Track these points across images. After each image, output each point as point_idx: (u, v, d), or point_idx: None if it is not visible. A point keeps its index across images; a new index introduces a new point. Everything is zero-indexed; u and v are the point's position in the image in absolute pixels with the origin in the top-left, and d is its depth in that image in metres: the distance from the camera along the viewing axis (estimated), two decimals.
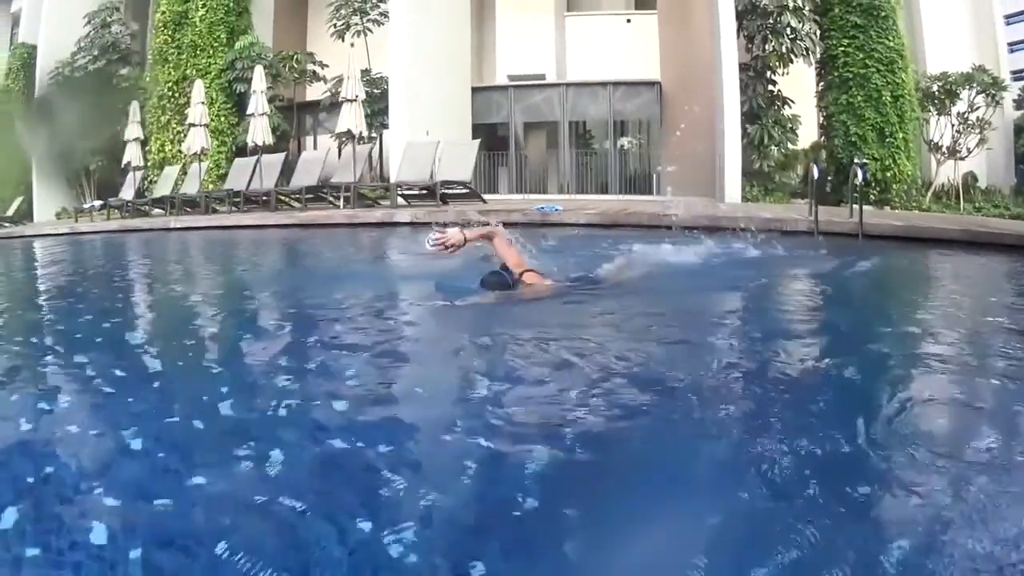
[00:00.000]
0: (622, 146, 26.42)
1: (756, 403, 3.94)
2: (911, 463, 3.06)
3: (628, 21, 27.45)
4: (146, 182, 27.43)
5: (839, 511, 2.70)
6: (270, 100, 25.44)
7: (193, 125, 24.19)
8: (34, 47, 36.21)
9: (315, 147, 28.63)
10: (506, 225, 14.60)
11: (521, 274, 6.54)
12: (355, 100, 20.65)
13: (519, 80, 26.73)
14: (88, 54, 32.94)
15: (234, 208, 22.41)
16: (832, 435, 3.38)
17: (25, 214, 33.97)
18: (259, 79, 23.22)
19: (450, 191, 19.14)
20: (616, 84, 25.70)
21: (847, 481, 2.92)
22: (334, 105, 25.28)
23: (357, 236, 16.09)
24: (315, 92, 28.63)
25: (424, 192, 19.59)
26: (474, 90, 25.91)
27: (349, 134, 20.88)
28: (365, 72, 24.90)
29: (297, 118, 28.82)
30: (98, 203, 28.74)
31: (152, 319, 7.90)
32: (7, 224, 32.78)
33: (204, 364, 5.60)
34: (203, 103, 24.38)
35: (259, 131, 22.71)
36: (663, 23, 26.18)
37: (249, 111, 23.49)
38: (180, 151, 27.12)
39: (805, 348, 5.51)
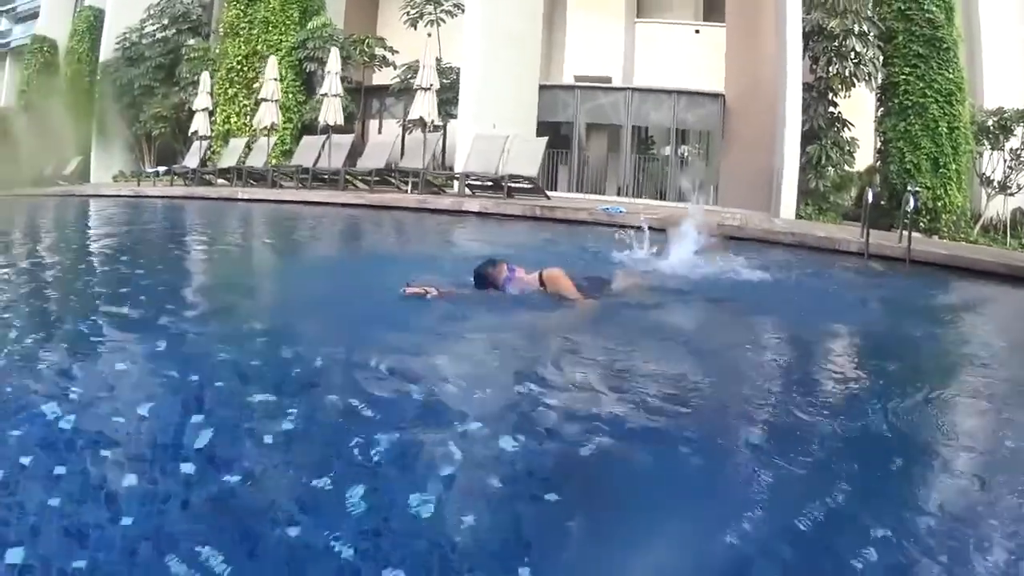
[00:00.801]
0: (682, 154, 27.22)
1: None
2: None
3: (697, 32, 28.44)
4: (209, 152, 28.84)
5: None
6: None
7: (264, 100, 25.42)
8: (100, 11, 37.99)
9: (380, 131, 29.97)
10: (571, 223, 15.87)
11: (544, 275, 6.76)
12: (429, 89, 21.77)
13: (585, 81, 27.57)
14: (157, 22, 34.52)
15: (301, 184, 23.68)
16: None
17: (81, 174, 35.55)
18: (334, 60, 24.39)
19: (515, 185, 20.14)
20: (680, 93, 26.48)
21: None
22: (403, 91, 26.68)
23: (429, 220, 17.09)
24: (382, 77, 29.86)
25: (490, 184, 20.67)
26: (541, 87, 26.76)
27: (421, 121, 21.99)
28: (436, 62, 25.78)
29: (364, 101, 30.03)
30: (162, 169, 30.05)
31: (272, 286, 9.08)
32: (63, 182, 34.29)
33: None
34: (276, 79, 25.58)
35: (331, 111, 23.79)
36: (731, 36, 26.99)
37: (322, 91, 24.63)
38: (246, 124, 28.63)
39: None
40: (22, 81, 46.17)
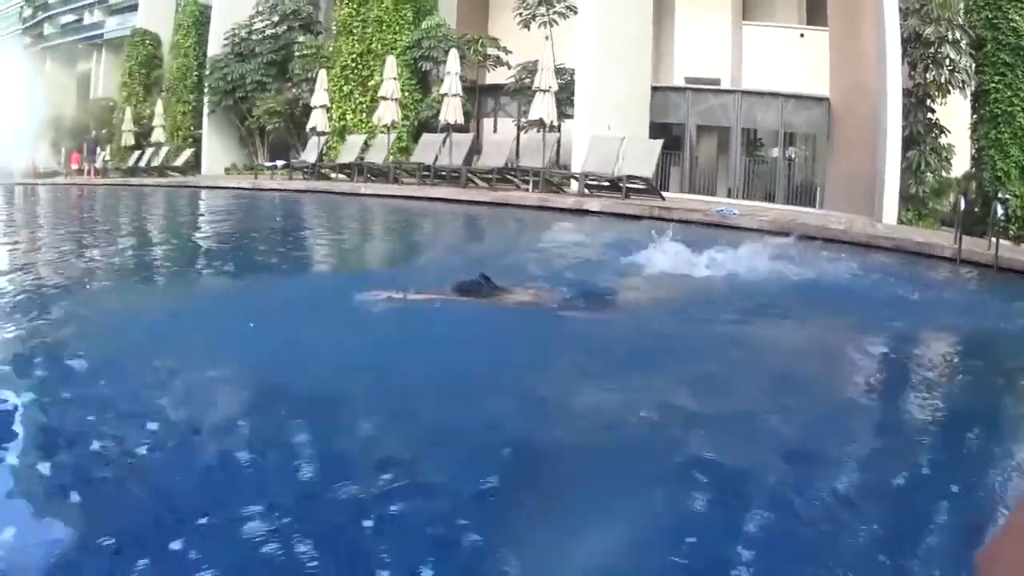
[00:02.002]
0: (789, 156, 28.67)
1: None
2: None
3: (802, 36, 29.37)
4: (326, 147, 30.98)
5: None
6: None
7: (384, 98, 27.43)
8: (205, 6, 40.90)
9: (495, 130, 31.86)
10: (684, 223, 17.53)
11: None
12: (548, 90, 23.58)
13: (695, 83, 29.10)
14: (267, 18, 37.10)
15: (422, 181, 25.64)
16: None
17: (192, 166, 38.33)
18: (453, 61, 26.30)
19: (631, 185, 21.63)
20: (788, 96, 27.71)
21: None
22: (517, 91, 28.62)
23: (552, 218, 18.65)
24: (495, 76, 31.74)
25: (607, 184, 22.33)
26: (653, 89, 28.11)
27: (540, 122, 23.74)
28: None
29: (478, 100, 31.93)
30: (280, 163, 32.40)
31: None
32: (174, 173, 37.17)
33: None
34: (395, 78, 27.59)
35: (451, 110, 25.66)
36: (834, 41, 27.77)
37: (442, 90, 26.52)
38: (361, 121, 30.77)
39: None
40: (124, 73, 49.23)
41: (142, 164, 41.15)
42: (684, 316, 7.82)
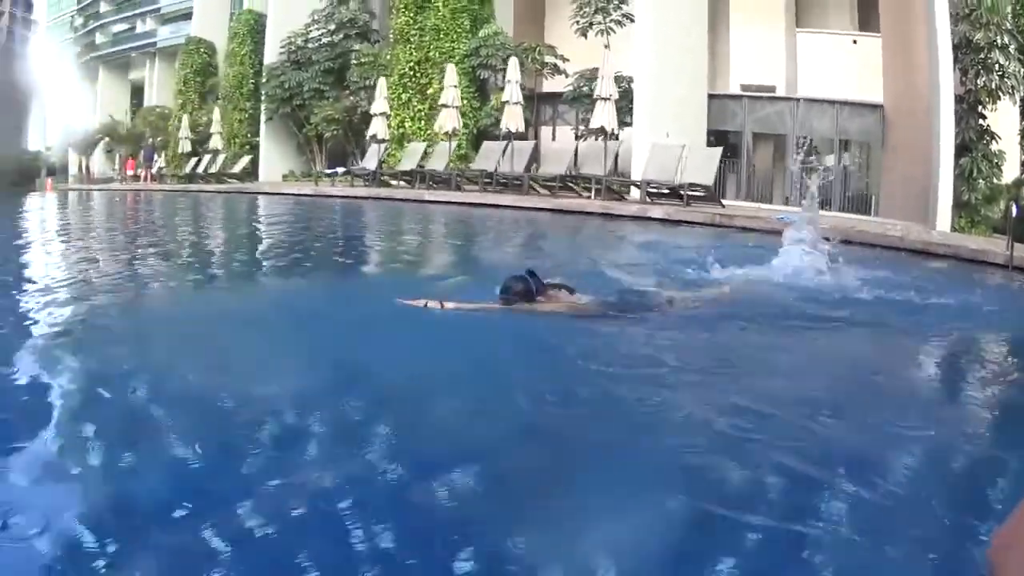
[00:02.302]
0: (844, 165, 28.78)
1: None
2: None
3: (854, 42, 29.58)
4: (385, 154, 31.62)
5: None
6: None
7: (445, 106, 28.14)
8: (261, 15, 42.00)
9: (554, 137, 32.41)
10: (746, 231, 18.03)
11: (553, 286, 7.12)
12: (609, 99, 24.12)
13: (751, 90, 29.51)
14: (323, 27, 37.97)
15: (484, 188, 26.27)
16: None
17: (249, 173, 39.36)
18: (514, 69, 26.95)
19: (692, 193, 22.04)
20: (843, 103, 27.91)
21: None
22: (575, 99, 29.11)
23: (621, 224, 19.24)
24: (552, 84, 32.24)
25: (666, 192, 22.81)
26: (710, 97, 28.53)
27: (601, 130, 24.30)
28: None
29: (536, 108, 32.44)
30: (341, 169, 33.32)
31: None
32: (232, 180, 38.18)
33: None
34: (455, 86, 28.29)
35: (513, 118, 26.37)
36: (886, 47, 27.66)
37: (503, 99, 27.09)
38: (420, 128, 31.56)
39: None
40: (179, 81, 50.26)
41: (199, 171, 42.18)
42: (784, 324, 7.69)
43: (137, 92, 68.90)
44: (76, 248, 14.69)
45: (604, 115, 24.17)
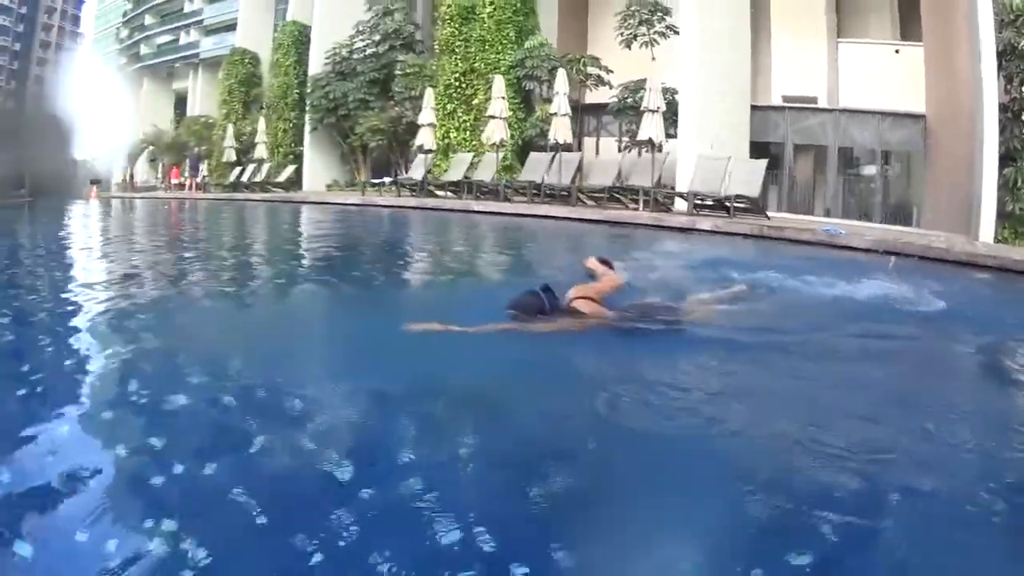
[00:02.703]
0: (885, 174, 28.68)
1: None
2: None
3: (896, 52, 29.25)
4: (431, 165, 31.81)
5: None
6: (551, 100, 29.03)
7: (493, 117, 28.17)
8: (305, 25, 42.38)
9: (597, 149, 32.68)
10: (795, 242, 18.06)
11: (573, 299, 6.66)
12: (656, 111, 24.11)
13: (792, 102, 29.41)
14: (368, 38, 38.38)
15: (534, 199, 26.33)
16: None
17: (293, 182, 39.69)
18: (562, 81, 26.96)
19: (737, 205, 21.97)
20: (885, 114, 27.75)
21: None
22: (620, 111, 29.30)
23: (670, 236, 18.81)
24: (595, 95, 32.47)
25: (714, 203, 22.71)
26: (753, 108, 28.47)
27: (649, 142, 24.34)
28: (645, 81, 27.42)
29: (580, 119, 32.53)
30: (388, 180, 33.62)
31: None
32: (276, 189, 38.60)
33: None
34: (503, 97, 28.33)
35: (561, 130, 26.38)
36: (929, 56, 27.50)
37: (551, 110, 27.21)
38: (465, 139, 31.81)
39: None
40: (223, 91, 50.93)
41: (243, 180, 42.60)
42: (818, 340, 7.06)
43: (180, 102, 69.69)
44: (98, 259, 14.84)
45: (651, 127, 24.19)
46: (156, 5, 74.94)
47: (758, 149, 27.42)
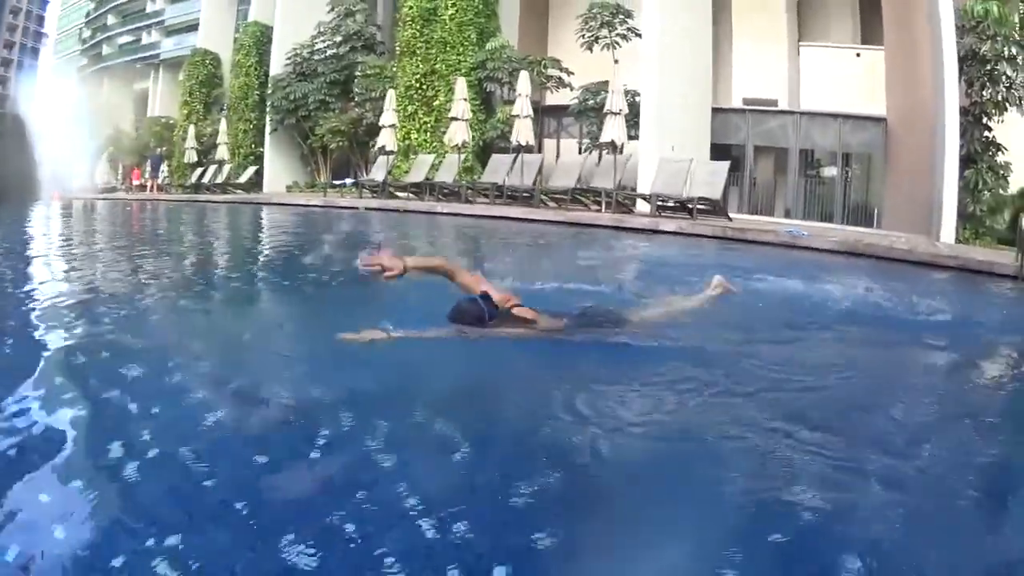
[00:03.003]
0: (845, 176, 28.93)
1: None
2: None
3: (858, 55, 29.57)
4: (391, 166, 31.61)
5: None
6: (513, 102, 28.97)
7: (455, 119, 28.11)
8: (266, 26, 42.05)
9: (558, 151, 32.59)
10: (757, 243, 18.07)
11: (511, 307, 6.14)
12: (619, 113, 24.11)
13: (753, 104, 29.57)
14: (329, 39, 38.18)
15: (496, 200, 26.31)
16: None
17: (254, 184, 39.45)
18: (524, 83, 26.94)
19: (700, 207, 21.99)
20: (845, 116, 28.06)
21: None
22: (581, 112, 29.40)
23: (625, 237, 19.04)
24: (554, 97, 32.52)
25: (676, 205, 22.78)
26: (714, 111, 28.69)
27: (612, 144, 24.29)
28: (608, 84, 27.35)
29: (540, 121, 32.48)
30: (350, 181, 33.54)
31: None
32: (237, 191, 38.34)
33: None
34: (465, 99, 28.28)
35: (523, 132, 26.41)
36: (889, 60, 27.85)
37: (513, 112, 27.20)
38: (426, 140, 31.69)
39: None
40: (184, 91, 50.57)
41: (204, 181, 42.29)
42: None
43: (141, 103, 69.31)
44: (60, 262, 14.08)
45: (614, 129, 24.23)
46: (118, 5, 74.78)
47: (719, 151, 27.53)
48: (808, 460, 4.06)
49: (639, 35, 27.74)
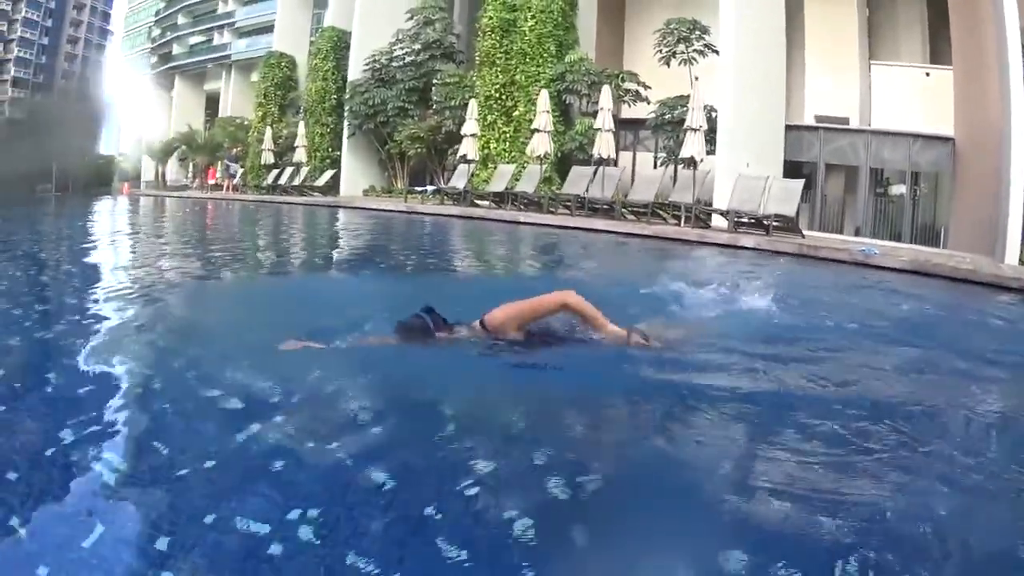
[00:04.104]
0: (914, 195, 29.40)
1: None
2: None
3: (927, 75, 30.00)
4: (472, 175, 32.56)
5: None
6: (593, 114, 29.96)
7: (538, 130, 29.03)
8: (344, 31, 43.42)
9: (634, 164, 33.38)
10: (832, 261, 18.65)
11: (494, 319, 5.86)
12: (698, 129, 24.84)
13: (824, 121, 30.14)
14: (407, 47, 39.36)
15: (573, 212, 27.15)
16: None
17: (331, 188, 40.79)
18: (606, 98, 27.79)
19: (775, 223, 22.59)
20: (915, 136, 28.35)
21: None
22: (658, 126, 30.32)
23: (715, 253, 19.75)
24: (630, 111, 33.25)
25: (752, 221, 23.39)
26: (787, 128, 29.27)
27: (691, 159, 25.01)
28: (685, 99, 28.35)
29: (616, 134, 32.79)
30: (432, 188, 34.56)
31: None
32: (314, 193, 39.45)
33: None
34: (548, 111, 29.24)
35: (604, 145, 27.27)
36: (957, 80, 28.15)
37: (596, 125, 27.91)
38: (504, 150, 32.72)
39: None
40: (259, 93, 52.06)
41: (280, 182, 43.68)
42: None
43: (212, 103, 70.94)
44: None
45: (693, 145, 24.92)
46: (189, 5, 76.25)
47: (791, 168, 28.22)
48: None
49: (716, 51, 28.53)
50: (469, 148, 31.60)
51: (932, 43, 31.04)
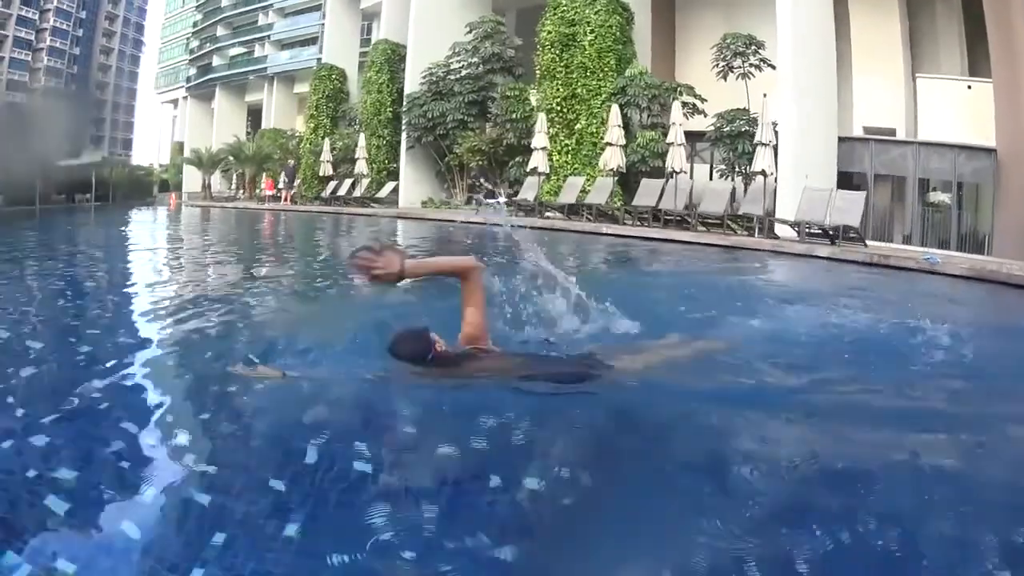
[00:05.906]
0: (959, 204, 30.32)
1: None
2: None
3: (969, 87, 30.91)
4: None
5: None
6: (652, 127, 31.79)
7: (610, 144, 30.47)
8: (397, 44, 44.97)
9: (691, 177, 34.03)
10: (900, 269, 19.56)
11: (469, 345, 5.51)
12: (768, 144, 26.22)
13: (872, 133, 31.36)
14: (465, 60, 40.62)
15: (645, 224, 28.43)
16: None
17: (391, 199, 42.04)
18: (677, 113, 29.19)
19: (842, 235, 23.66)
20: (959, 147, 29.38)
21: None
22: (717, 139, 31.57)
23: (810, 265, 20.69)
24: (687, 124, 33.05)
25: (819, 232, 24.41)
26: (840, 139, 30.25)
27: (762, 173, 26.38)
28: (742, 111, 30.56)
29: None
30: (503, 200, 35.49)
31: None
32: (374, 204, 40.89)
33: None
34: (619, 125, 30.70)
35: (676, 158, 28.62)
36: (998, 92, 28.90)
37: (668, 139, 29.25)
38: (566, 162, 33.92)
39: None
40: (311, 105, 53.34)
41: (339, 194, 45.06)
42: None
43: (253, 114, 72.69)
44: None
45: (764, 159, 26.32)
46: (228, 17, 77.81)
47: (843, 178, 29.56)
48: None
49: (771, 66, 30.05)
50: (539, 161, 32.97)
51: (970, 56, 32.36)
